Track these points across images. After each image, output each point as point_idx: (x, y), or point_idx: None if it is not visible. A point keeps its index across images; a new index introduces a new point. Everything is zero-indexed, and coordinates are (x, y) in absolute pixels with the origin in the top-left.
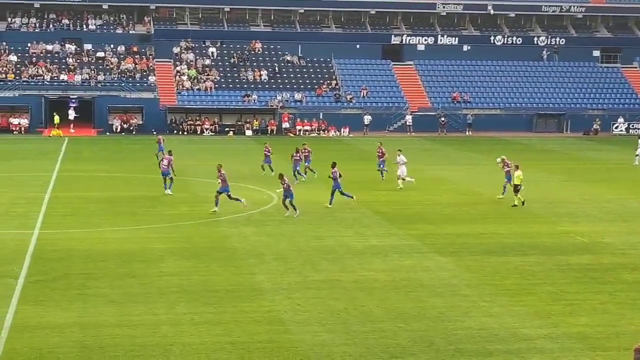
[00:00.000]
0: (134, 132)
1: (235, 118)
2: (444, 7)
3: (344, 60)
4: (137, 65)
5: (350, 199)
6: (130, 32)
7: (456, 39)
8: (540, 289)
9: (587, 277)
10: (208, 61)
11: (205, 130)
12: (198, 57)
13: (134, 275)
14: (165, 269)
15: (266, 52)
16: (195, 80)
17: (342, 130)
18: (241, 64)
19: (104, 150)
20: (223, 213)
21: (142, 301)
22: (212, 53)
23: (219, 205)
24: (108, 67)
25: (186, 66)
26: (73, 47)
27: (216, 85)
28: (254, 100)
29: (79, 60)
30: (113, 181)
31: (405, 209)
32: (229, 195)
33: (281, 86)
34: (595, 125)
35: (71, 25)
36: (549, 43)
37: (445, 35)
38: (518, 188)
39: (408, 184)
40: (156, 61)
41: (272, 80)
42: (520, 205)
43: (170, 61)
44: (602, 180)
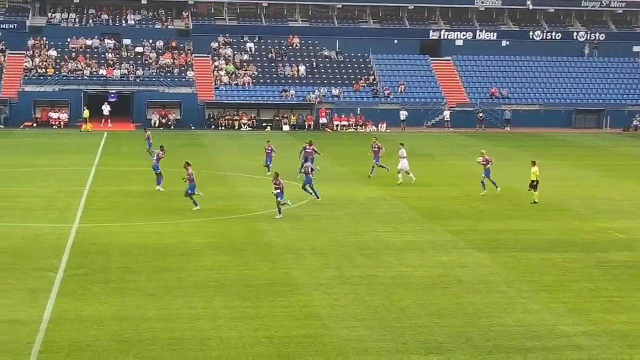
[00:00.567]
0: (172, 127)
1: (272, 113)
2: (482, 2)
3: (382, 55)
4: (176, 61)
5: (312, 195)
6: (168, 28)
7: (495, 34)
8: (578, 286)
9: (626, 274)
10: (246, 56)
11: (242, 126)
12: (236, 52)
13: (172, 269)
14: (202, 263)
15: (304, 47)
16: (233, 75)
17: (380, 125)
18: (279, 59)
19: (142, 144)
20: (260, 208)
21: (180, 295)
22: (250, 48)
23: (198, 204)
24: (146, 62)
25: (224, 61)
26: (112, 42)
27: (254, 81)
28: (292, 95)
29: (118, 55)
30: (151, 176)
31: (443, 205)
32: (190, 194)
33: (319, 81)
34: (635, 122)
35: (110, 21)
36: (588, 38)
37: (483, 31)
38: (534, 184)
39: (408, 179)
40: (194, 56)
41: (310, 76)
42: (532, 203)
43: (208, 56)
44: None
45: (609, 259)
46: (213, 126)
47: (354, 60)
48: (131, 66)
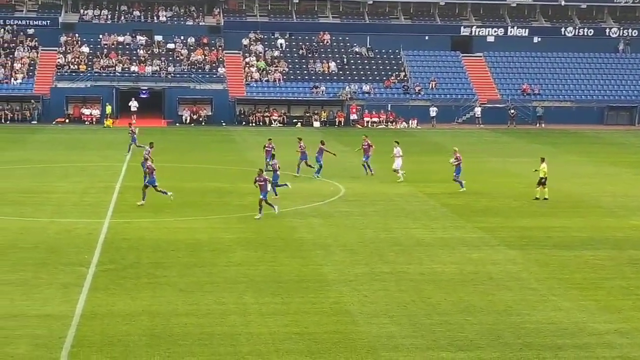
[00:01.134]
0: (203, 123)
1: (303, 109)
2: None
3: (413, 51)
4: (207, 57)
5: (280, 190)
6: (200, 24)
7: (526, 30)
8: (610, 284)
9: None
10: (277, 52)
11: (273, 122)
12: (267, 49)
13: (203, 265)
14: (233, 259)
15: (335, 44)
16: (264, 71)
17: (410, 122)
18: (310, 55)
19: (173, 141)
20: (290, 204)
21: (211, 291)
22: (281, 44)
23: (145, 199)
24: (178, 59)
25: (255, 58)
26: (144, 39)
27: (285, 77)
28: (322, 91)
29: (149, 52)
30: (182, 172)
31: (474, 201)
32: (155, 187)
33: (349, 78)
34: None
35: (142, 17)
36: (621, 34)
37: (515, 27)
38: (542, 181)
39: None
40: (225, 53)
41: (341, 72)
42: (533, 199)
43: (239, 53)
44: None
45: None
46: (244, 122)
47: (385, 56)
48: (163, 62)
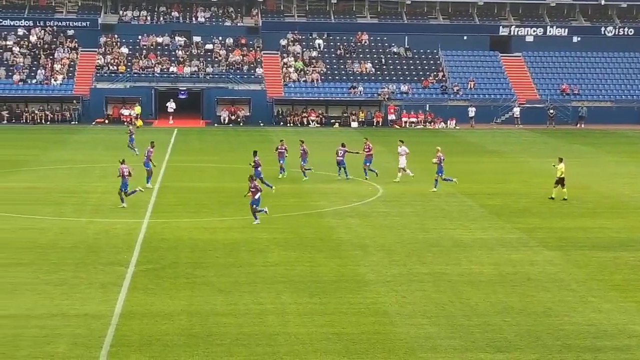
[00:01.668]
0: (241, 124)
1: (341, 110)
2: None
3: (451, 51)
4: (245, 58)
5: (269, 188)
6: (238, 25)
7: (566, 29)
8: None
9: None
10: (315, 53)
11: (311, 122)
12: (305, 49)
13: (241, 265)
14: (271, 259)
15: (372, 44)
16: (302, 72)
17: (449, 122)
18: (347, 55)
19: (212, 141)
20: (328, 205)
21: (249, 290)
22: (319, 45)
23: (125, 201)
24: (216, 59)
25: (293, 58)
26: (182, 40)
27: (322, 77)
28: (360, 92)
29: (188, 53)
30: (221, 172)
31: (512, 202)
32: (125, 191)
33: (387, 78)
34: None
35: (181, 18)
36: None
37: (554, 26)
38: (560, 181)
39: (406, 176)
40: (263, 53)
41: (379, 72)
42: (549, 199)
43: (277, 53)
44: None
45: None
46: (281, 123)
47: (423, 56)
48: (201, 63)
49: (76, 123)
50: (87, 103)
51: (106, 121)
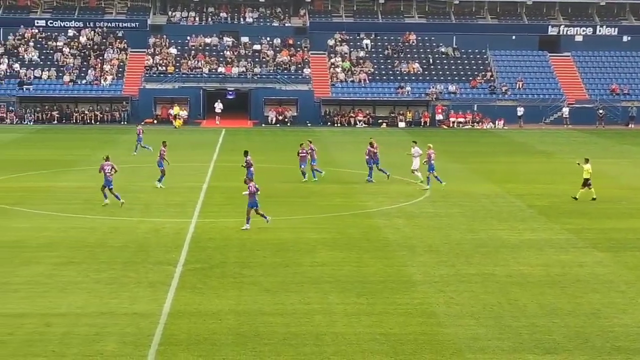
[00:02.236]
0: (288, 124)
1: (388, 110)
2: None
3: (500, 51)
4: (293, 58)
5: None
6: (286, 25)
7: (615, 29)
8: None
9: None
10: (362, 53)
11: (358, 122)
12: (352, 49)
13: (288, 265)
14: (318, 259)
15: (420, 44)
16: (349, 72)
17: (497, 122)
18: (395, 55)
19: (259, 141)
20: (375, 205)
21: (296, 290)
22: (367, 45)
23: (108, 198)
24: (264, 60)
25: (340, 58)
26: (230, 40)
27: (370, 77)
28: (408, 92)
29: (236, 53)
30: (268, 172)
31: (561, 202)
32: (110, 189)
33: (435, 78)
34: None
35: (229, 19)
36: None
37: (604, 26)
38: (587, 182)
39: (413, 178)
40: (311, 53)
41: (426, 72)
42: (572, 199)
43: (324, 53)
44: None
45: None
46: (329, 123)
47: (471, 56)
48: (249, 64)
49: (125, 123)
50: (136, 103)
51: (155, 121)
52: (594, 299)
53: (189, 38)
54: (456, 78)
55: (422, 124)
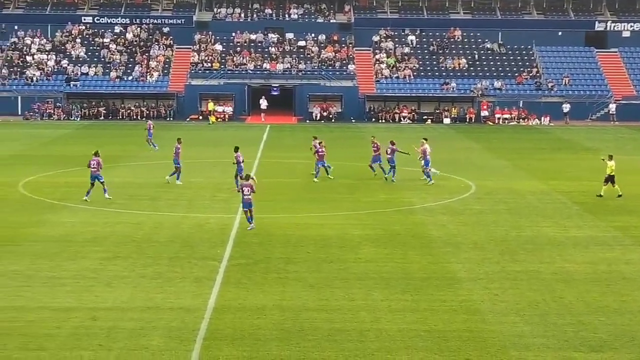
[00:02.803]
0: (333, 120)
1: (433, 106)
2: None
3: (546, 47)
4: (337, 54)
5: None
6: (330, 21)
7: None
8: None
9: None
10: (407, 49)
11: (402, 119)
12: (397, 45)
13: (332, 261)
14: (362, 255)
15: (465, 40)
16: (394, 68)
17: (543, 118)
18: (440, 51)
19: (303, 137)
20: (419, 201)
21: (340, 286)
22: (412, 41)
23: (89, 195)
24: (309, 56)
25: (385, 54)
26: (275, 37)
27: (415, 73)
28: (453, 88)
29: (281, 49)
30: (312, 168)
31: (607, 199)
32: (92, 184)
33: (480, 74)
34: None
35: (274, 15)
36: None
37: None
38: (610, 178)
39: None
40: (356, 50)
41: (472, 68)
42: (597, 196)
43: (369, 49)
44: None
45: None
46: (373, 119)
47: (517, 52)
48: (293, 60)
49: (171, 119)
50: (182, 99)
51: (200, 117)
52: None
53: (234, 34)
54: (502, 74)
55: (468, 120)
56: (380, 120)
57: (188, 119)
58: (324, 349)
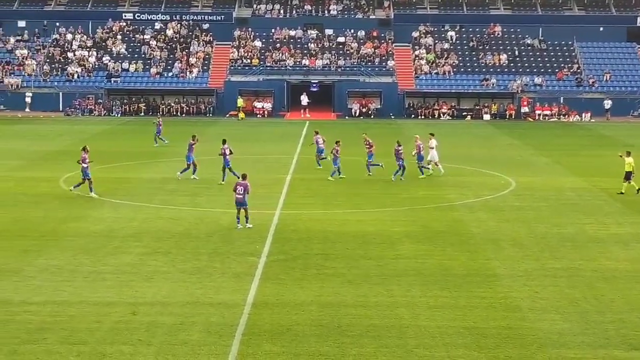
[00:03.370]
0: (372, 116)
1: (473, 102)
2: None
3: (587, 43)
4: (377, 50)
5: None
6: (370, 17)
7: None
8: None
9: None
10: (447, 45)
11: (442, 115)
12: (437, 41)
13: (371, 257)
14: (401, 252)
15: (506, 36)
16: (434, 64)
17: (583, 115)
18: (480, 47)
19: (342, 134)
20: (459, 198)
21: (379, 283)
22: (451, 37)
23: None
24: (348, 52)
25: (425, 50)
26: (315, 33)
27: (454, 69)
28: (493, 84)
29: (320, 45)
30: (352, 164)
31: None
32: (83, 180)
33: (521, 70)
34: None
35: (313, 11)
36: None
37: None
38: (629, 175)
39: (436, 171)
40: (395, 46)
41: (512, 64)
42: (618, 194)
43: (409, 45)
44: None
45: None
46: (412, 116)
47: (558, 48)
48: (333, 56)
49: (210, 115)
50: (221, 96)
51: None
52: None
53: (273, 31)
54: (542, 70)
55: (508, 117)
56: (419, 117)
57: (227, 115)
58: (362, 345)
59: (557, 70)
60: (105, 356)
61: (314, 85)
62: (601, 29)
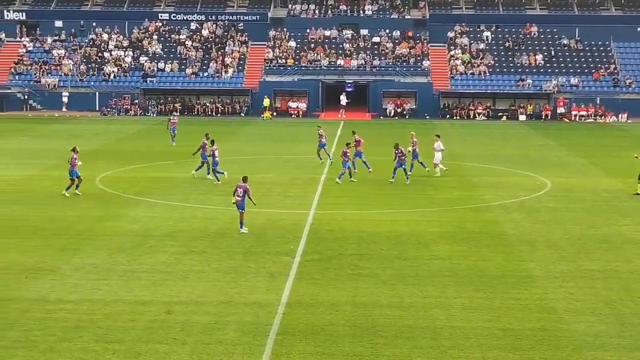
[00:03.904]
0: (407, 117)
1: (508, 102)
2: None
3: (624, 43)
4: (412, 50)
5: (222, 175)
6: (405, 17)
7: None
8: None
9: None
10: (482, 45)
11: (477, 115)
12: (472, 42)
13: (405, 258)
14: (436, 253)
15: (542, 36)
16: (469, 64)
17: (620, 115)
18: (516, 47)
19: (377, 134)
20: (494, 199)
21: (413, 283)
22: (487, 37)
23: (70, 189)
24: (383, 52)
25: (460, 50)
26: (350, 33)
27: (490, 70)
28: (529, 84)
29: (355, 46)
30: (386, 164)
31: None
32: (79, 178)
33: (557, 70)
34: None
35: (348, 11)
36: None
37: None
38: None
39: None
40: (430, 46)
41: (548, 65)
42: (634, 195)
43: (444, 46)
44: None
45: None
46: (448, 116)
47: (594, 48)
48: (368, 56)
49: (244, 115)
50: (256, 96)
51: (274, 114)
52: None
53: (308, 31)
54: (578, 70)
55: (543, 117)
56: (454, 117)
57: (262, 115)
58: (396, 345)
59: (594, 70)
60: (140, 355)
61: (349, 85)
62: (638, 29)
